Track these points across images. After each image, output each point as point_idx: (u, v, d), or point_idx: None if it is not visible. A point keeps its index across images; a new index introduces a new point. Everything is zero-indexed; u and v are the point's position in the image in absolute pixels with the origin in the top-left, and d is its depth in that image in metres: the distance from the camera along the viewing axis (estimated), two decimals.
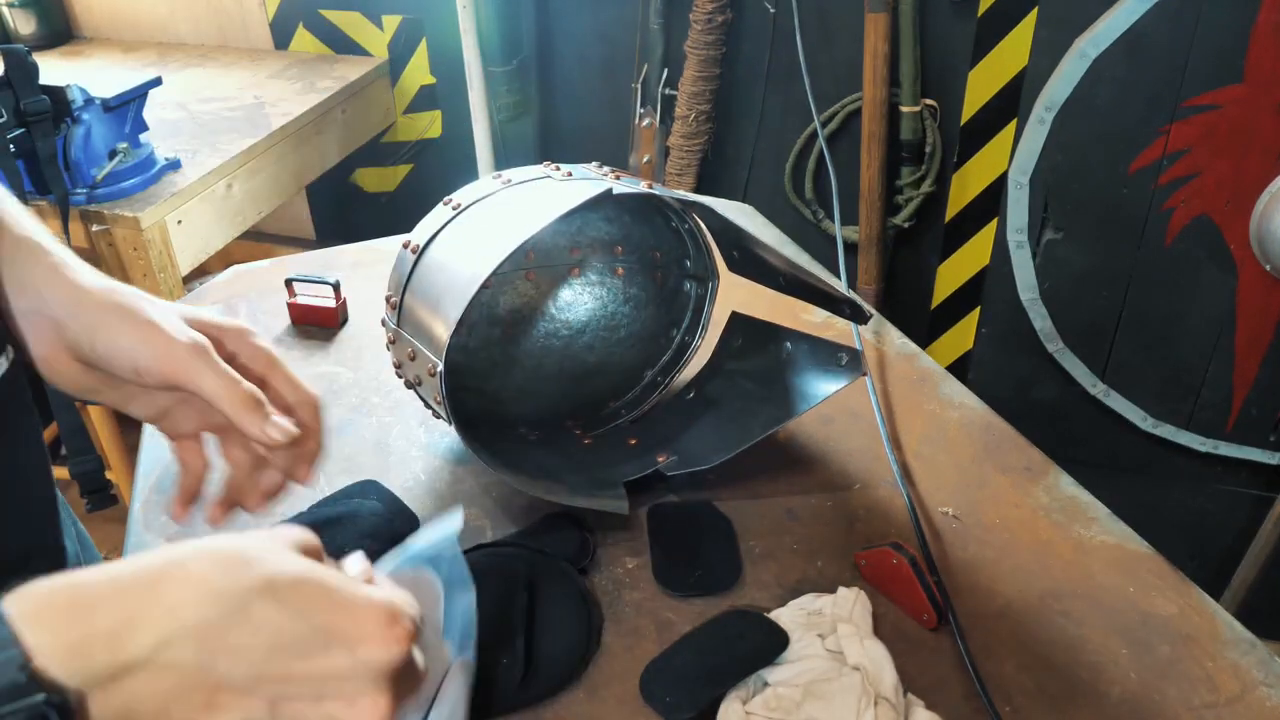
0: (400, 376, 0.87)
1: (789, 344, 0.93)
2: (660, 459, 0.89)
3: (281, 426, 0.56)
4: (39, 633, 0.35)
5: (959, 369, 2.10)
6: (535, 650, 0.70)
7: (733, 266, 0.96)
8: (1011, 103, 1.83)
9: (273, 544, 0.42)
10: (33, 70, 1.48)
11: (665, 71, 2.01)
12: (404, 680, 0.43)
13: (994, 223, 1.94)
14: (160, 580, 0.38)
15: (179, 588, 0.38)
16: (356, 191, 2.40)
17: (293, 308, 1.14)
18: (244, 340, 0.59)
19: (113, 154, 1.63)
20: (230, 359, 0.58)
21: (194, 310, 0.59)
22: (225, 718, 0.39)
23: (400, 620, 0.42)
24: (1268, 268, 1.73)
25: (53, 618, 0.36)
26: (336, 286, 1.14)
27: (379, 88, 2.19)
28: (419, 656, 0.44)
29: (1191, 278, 1.80)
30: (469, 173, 2.20)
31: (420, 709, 0.51)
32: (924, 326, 2.12)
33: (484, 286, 0.74)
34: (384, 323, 0.86)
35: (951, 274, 2.05)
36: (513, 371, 1.01)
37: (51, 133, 1.53)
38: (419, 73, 2.22)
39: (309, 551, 0.43)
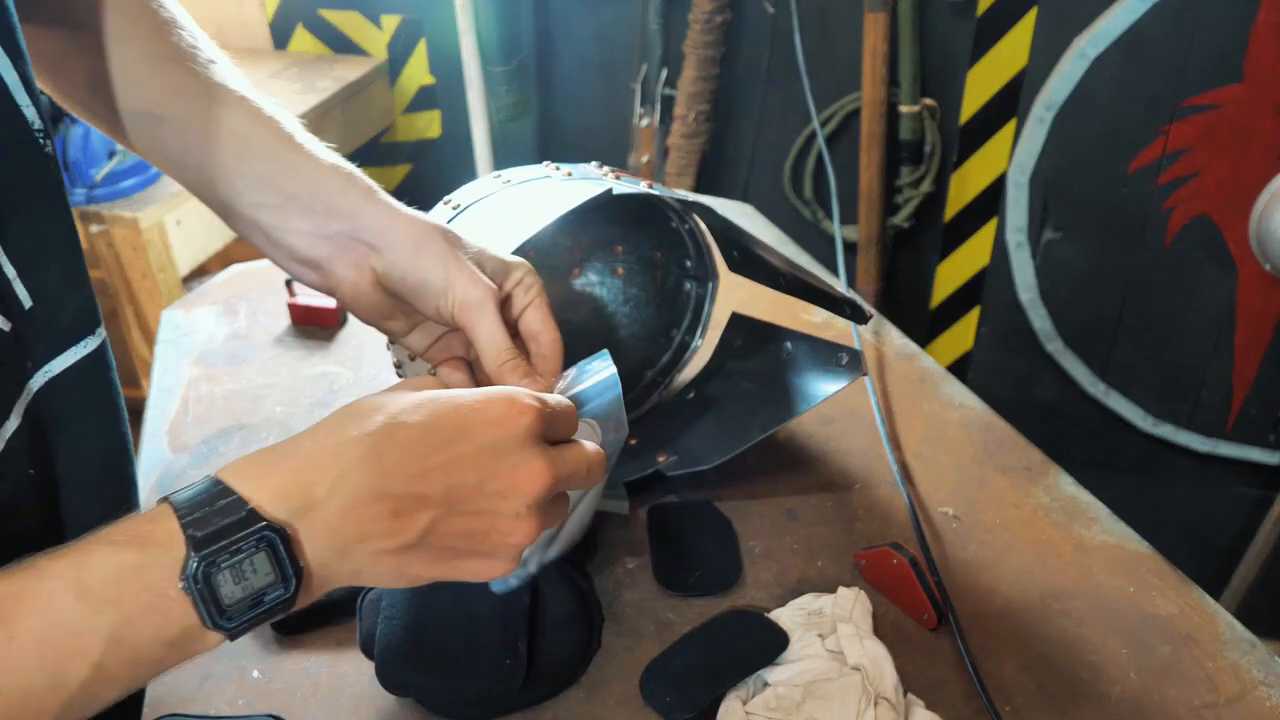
0: (400, 376, 0.87)
1: (789, 344, 0.93)
2: (660, 459, 0.89)
3: (537, 384, 0.59)
4: (247, 484, 0.43)
5: (959, 369, 2.10)
6: (536, 650, 0.70)
7: (733, 266, 0.96)
8: (1011, 102, 1.83)
9: (393, 391, 0.49)
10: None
11: (664, 71, 2.01)
12: (556, 453, 0.49)
13: (993, 222, 1.94)
14: (324, 436, 0.46)
15: (336, 437, 0.46)
16: None
17: (293, 308, 1.14)
18: (526, 272, 0.62)
19: (112, 154, 1.63)
20: (513, 287, 0.61)
21: (487, 248, 0.62)
22: (410, 526, 0.45)
23: (519, 398, 0.48)
24: (1267, 268, 1.73)
25: (254, 473, 0.44)
26: None
27: (378, 88, 2.19)
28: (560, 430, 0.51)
29: (1191, 278, 1.80)
30: (468, 173, 2.20)
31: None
32: (924, 326, 2.12)
33: None
34: None
35: (951, 274, 2.05)
36: None
37: (50, 133, 1.53)
38: (418, 73, 2.22)
39: (425, 386, 0.50)
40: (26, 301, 0.52)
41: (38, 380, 0.53)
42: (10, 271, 0.50)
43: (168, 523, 0.42)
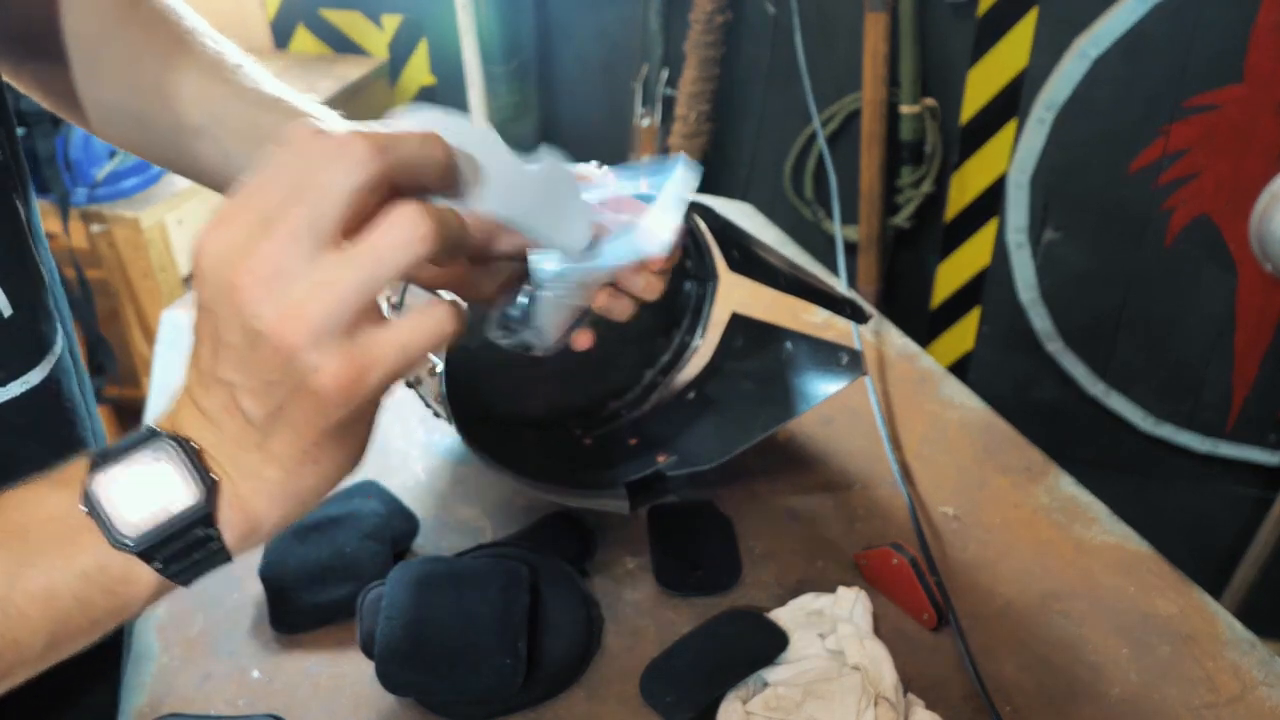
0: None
1: (789, 344, 0.93)
2: (660, 459, 0.89)
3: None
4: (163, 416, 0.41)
5: (959, 369, 2.10)
6: (536, 651, 0.70)
7: (733, 266, 0.96)
8: (1011, 103, 1.83)
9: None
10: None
11: (665, 71, 2.01)
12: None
13: (994, 223, 1.94)
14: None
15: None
16: None
17: None
18: None
19: (113, 154, 1.63)
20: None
21: None
22: (250, 415, 0.39)
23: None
24: (1268, 268, 1.73)
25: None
26: None
27: (379, 88, 2.19)
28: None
29: (1191, 278, 1.80)
30: None
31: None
32: (924, 326, 2.12)
33: None
34: None
35: (951, 274, 2.05)
36: (513, 371, 1.01)
37: (51, 133, 1.53)
38: (419, 73, 2.22)
39: None
40: (6, 310, 0.51)
41: None
42: None
43: (79, 461, 0.41)
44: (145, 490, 0.39)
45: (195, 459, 0.40)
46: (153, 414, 1.01)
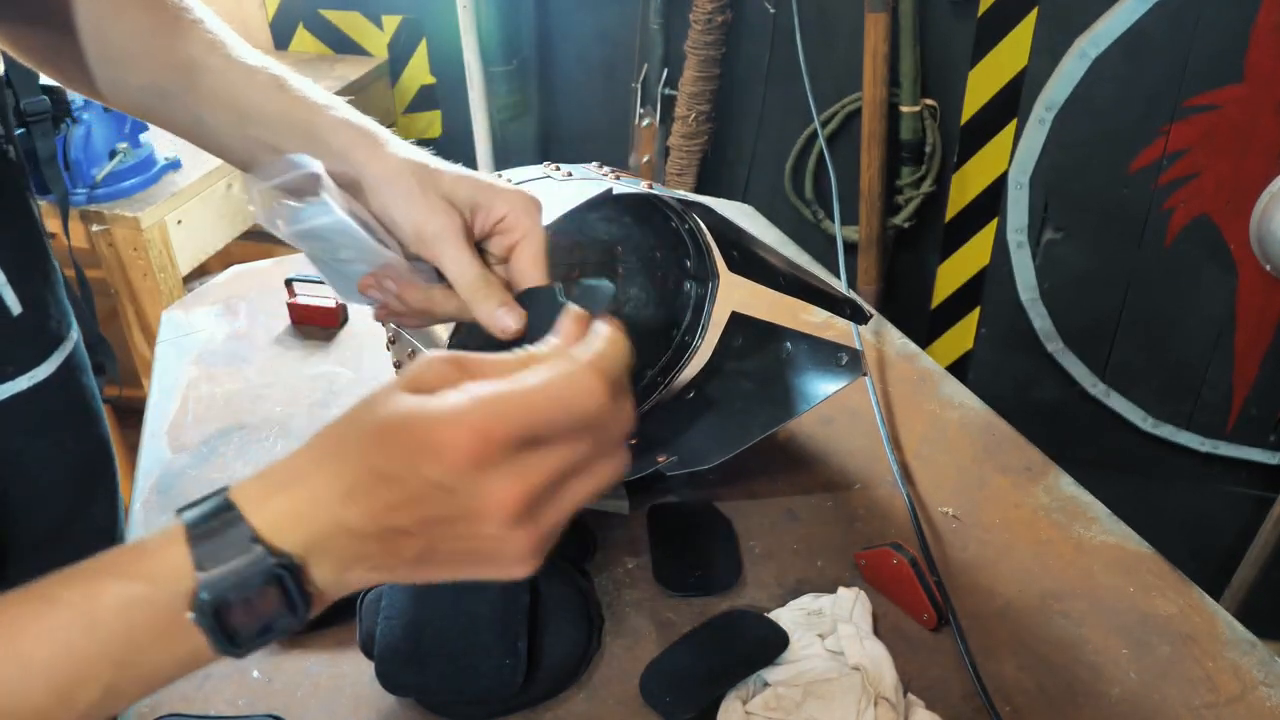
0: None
1: (789, 344, 0.93)
2: (660, 459, 0.89)
3: (515, 314, 0.58)
4: (257, 511, 0.42)
5: (959, 369, 2.10)
6: (536, 651, 0.70)
7: (733, 266, 0.96)
8: (1011, 103, 1.83)
9: (385, 396, 0.43)
10: (33, 70, 1.48)
11: (665, 71, 2.01)
12: (523, 465, 0.43)
13: (994, 223, 1.94)
14: (321, 455, 0.43)
15: (332, 461, 0.43)
16: None
17: (293, 308, 1.14)
18: (518, 207, 0.60)
19: (113, 154, 1.63)
20: (494, 223, 0.60)
21: (474, 175, 0.61)
22: (401, 552, 0.43)
23: (463, 418, 0.42)
24: (1268, 268, 1.73)
25: (263, 497, 0.42)
26: None
27: (379, 88, 2.19)
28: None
29: (1191, 278, 1.80)
30: None
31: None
32: (924, 326, 2.12)
33: None
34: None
35: (951, 274, 2.05)
36: None
37: (51, 133, 1.53)
38: (419, 73, 2.22)
39: (425, 381, 0.44)
40: (16, 308, 0.52)
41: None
42: None
43: (178, 552, 0.42)
44: (252, 610, 0.41)
45: (298, 580, 0.42)
46: (153, 416, 1.01)
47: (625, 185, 0.80)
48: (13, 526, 0.55)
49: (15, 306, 0.52)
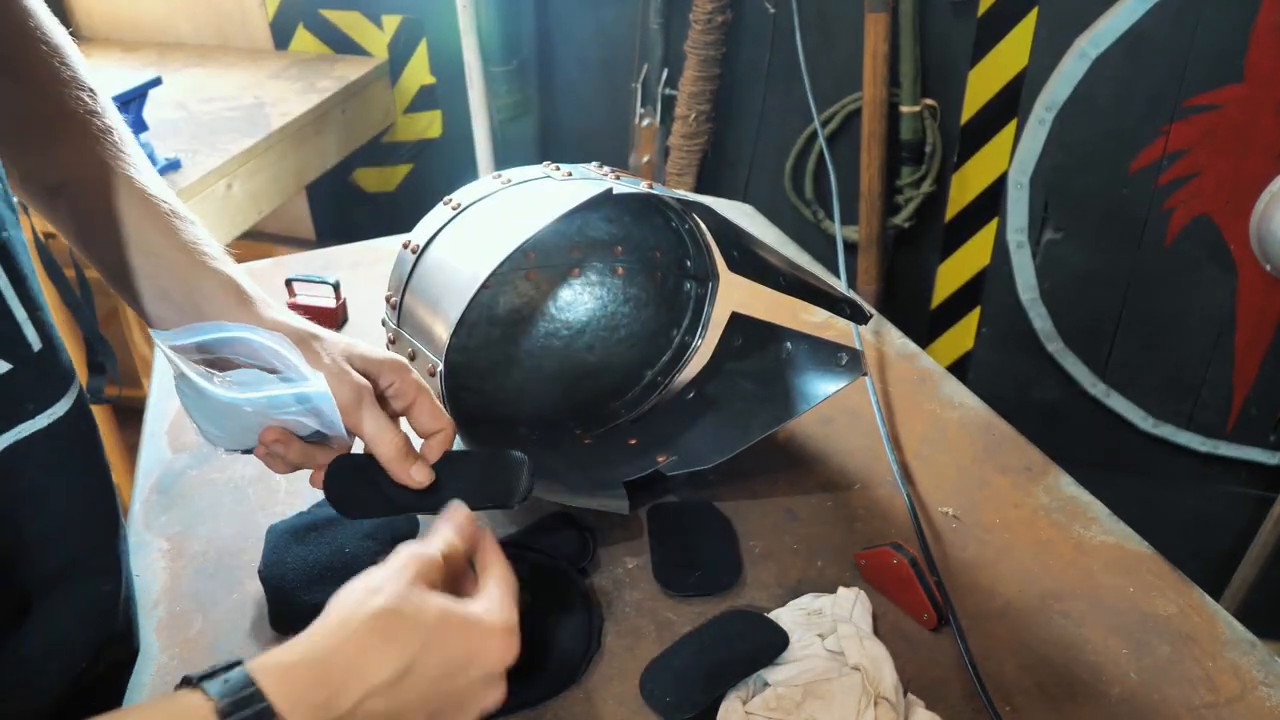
0: None
1: (789, 344, 0.93)
2: (660, 459, 0.89)
3: (423, 470, 0.65)
4: (280, 694, 0.45)
5: (959, 369, 2.10)
6: (535, 650, 0.70)
7: (733, 266, 0.96)
8: (1011, 103, 1.83)
9: (413, 592, 0.51)
10: None
11: (665, 71, 2.01)
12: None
13: (994, 223, 1.94)
14: (349, 651, 0.48)
15: (363, 656, 0.48)
16: (356, 191, 2.40)
17: (292, 308, 1.14)
18: (399, 374, 0.66)
19: None
20: (385, 389, 0.66)
21: (355, 345, 0.67)
22: None
23: (513, 631, 0.53)
24: (1268, 268, 1.73)
25: (286, 681, 0.46)
26: (336, 286, 1.14)
27: (379, 88, 2.19)
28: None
29: (1191, 278, 1.80)
30: (469, 173, 2.20)
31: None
32: (924, 326, 2.12)
33: (484, 287, 0.74)
34: (384, 323, 0.86)
35: (951, 274, 2.05)
36: (513, 371, 1.01)
37: None
38: (419, 73, 2.22)
39: (435, 576, 0.54)
40: (36, 344, 0.52)
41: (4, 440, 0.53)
42: (20, 314, 0.51)
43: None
44: None
45: None
46: (153, 416, 1.01)
47: (625, 185, 0.80)
48: (34, 567, 0.55)
49: (36, 343, 0.52)
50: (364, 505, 0.68)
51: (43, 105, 0.61)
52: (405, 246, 0.85)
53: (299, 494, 0.89)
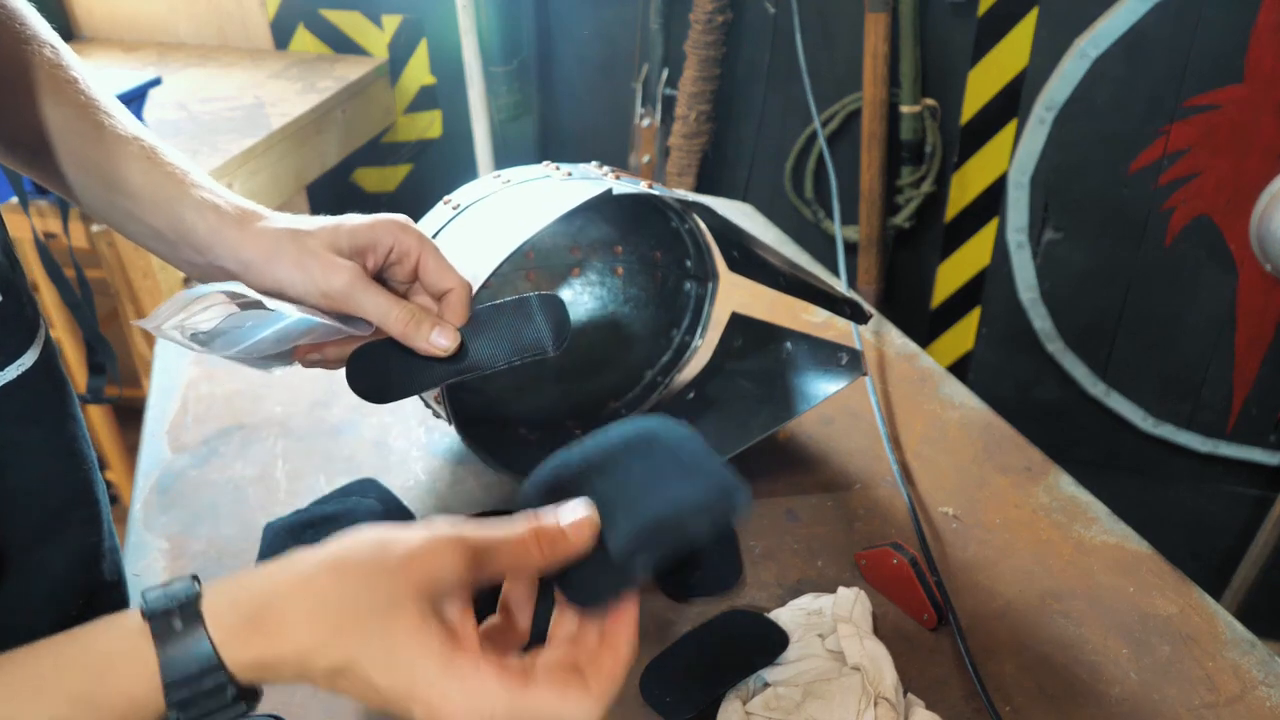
0: None
1: (789, 344, 0.93)
2: None
3: (447, 333, 0.61)
4: (229, 644, 0.42)
5: (959, 369, 2.10)
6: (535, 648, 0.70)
7: (733, 266, 0.96)
8: (1011, 103, 1.83)
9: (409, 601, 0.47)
10: None
11: (665, 71, 2.01)
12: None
13: (994, 223, 1.94)
14: (303, 600, 0.44)
15: (318, 614, 0.44)
16: (356, 191, 2.40)
17: None
18: (396, 233, 0.63)
19: None
20: (385, 255, 0.62)
21: (345, 221, 0.63)
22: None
23: (486, 686, 0.46)
24: (1268, 268, 1.73)
25: (236, 632, 0.43)
26: None
27: (379, 88, 2.19)
28: None
29: (1191, 278, 1.80)
30: (469, 173, 2.20)
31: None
32: (924, 326, 2.12)
33: (484, 286, 0.74)
34: None
35: (951, 274, 2.05)
36: (513, 371, 1.01)
37: None
38: (419, 73, 2.22)
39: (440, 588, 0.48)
40: None
41: None
42: None
43: (148, 674, 0.41)
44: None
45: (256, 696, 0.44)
46: (153, 416, 1.01)
47: (625, 185, 0.80)
48: (11, 521, 0.55)
49: None
50: (391, 388, 0.62)
51: (8, 69, 0.61)
52: None
53: (299, 494, 0.89)
